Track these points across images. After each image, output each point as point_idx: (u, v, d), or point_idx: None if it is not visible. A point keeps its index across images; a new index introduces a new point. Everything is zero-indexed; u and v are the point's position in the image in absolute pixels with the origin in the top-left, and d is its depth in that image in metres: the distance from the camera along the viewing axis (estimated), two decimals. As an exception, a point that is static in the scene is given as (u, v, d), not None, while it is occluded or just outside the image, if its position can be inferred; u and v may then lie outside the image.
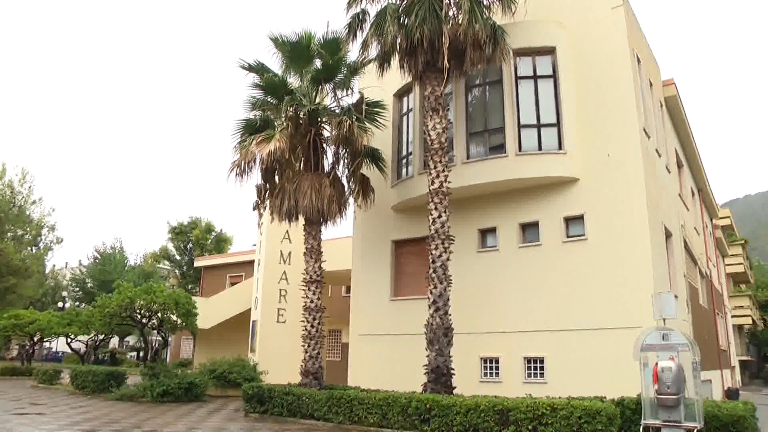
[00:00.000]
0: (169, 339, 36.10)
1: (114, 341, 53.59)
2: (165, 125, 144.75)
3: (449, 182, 13.98)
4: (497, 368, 14.96)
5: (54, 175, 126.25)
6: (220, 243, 51.55)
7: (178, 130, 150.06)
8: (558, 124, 15.11)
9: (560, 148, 14.90)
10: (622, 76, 14.72)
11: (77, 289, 55.31)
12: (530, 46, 15.59)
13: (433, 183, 13.86)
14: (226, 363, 22.68)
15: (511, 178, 15.00)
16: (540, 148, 15.02)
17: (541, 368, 14.29)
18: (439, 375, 12.75)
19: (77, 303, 53.33)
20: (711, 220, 30.28)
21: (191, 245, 50.61)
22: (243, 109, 16.89)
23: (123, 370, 22.79)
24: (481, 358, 15.20)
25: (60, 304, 46.66)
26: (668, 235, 16.25)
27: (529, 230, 15.41)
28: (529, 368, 14.49)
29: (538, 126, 15.26)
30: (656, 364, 9.55)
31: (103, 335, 34.58)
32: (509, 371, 14.66)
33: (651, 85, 17.11)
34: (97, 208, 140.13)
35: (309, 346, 15.52)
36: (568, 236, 14.65)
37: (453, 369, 12.97)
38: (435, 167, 13.91)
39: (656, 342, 9.76)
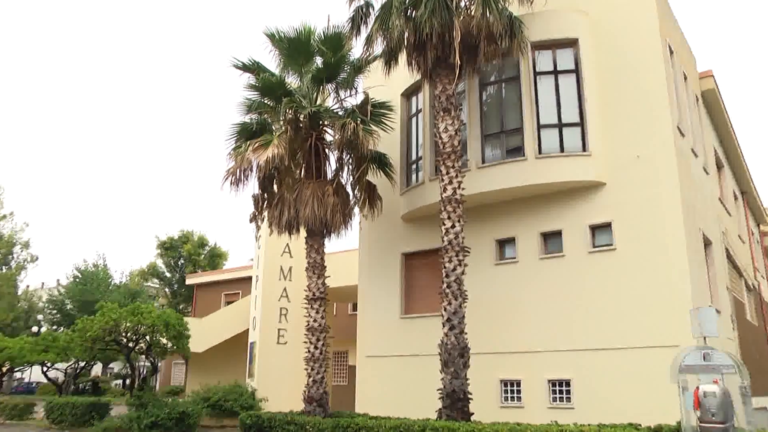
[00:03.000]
0: (159, 364, 36.33)
1: (97, 368, 53.73)
2: (152, 131, 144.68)
3: (463, 189, 14.18)
4: (518, 392, 15.09)
5: (28, 187, 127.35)
6: (214, 258, 51.92)
7: (166, 136, 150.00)
8: (581, 124, 15.30)
9: (584, 149, 15.09)
10: (653, 68, 14.84)
11: (54, 311, 54.88)
12: (550, 38, 15.80)
13: (445, 190, 14.06)
14: (222, 390, 22.91)
15: (530, 184, 15.18)
16: (562, 150, 15.20)
17: (567, 392, 14.40)
18: (455, 400, 12.89)
19: (54, 327, 53.30)
20: (758, 226, 30.17)
21: (182, 261, 51.03)
22: (237, 112, 17.22)
23: (107, 401, 22.81)
24: (501, 381, 15.34)
25: (34, 329, 46.52)
26: (707, 243, 16.31)
27: (552, 240, 15.57)
28: (553, 392, 14.60)
29: (560, 125, 15.45)
30: (697, 388, 9.42)
31: (85, 362, 34.82)
32: (532, 395, 14.79)
33: (685, 77, 17.20)
34: (78, 223, 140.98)
35: (312, 369, 15.72)
36: (594, 246, 14.79)
37: (470, 393, 13.10)
38: (447, 173, 14.12)
39: (696, 363, 9.63)
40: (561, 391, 14.53)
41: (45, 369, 33.22)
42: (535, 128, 15.43)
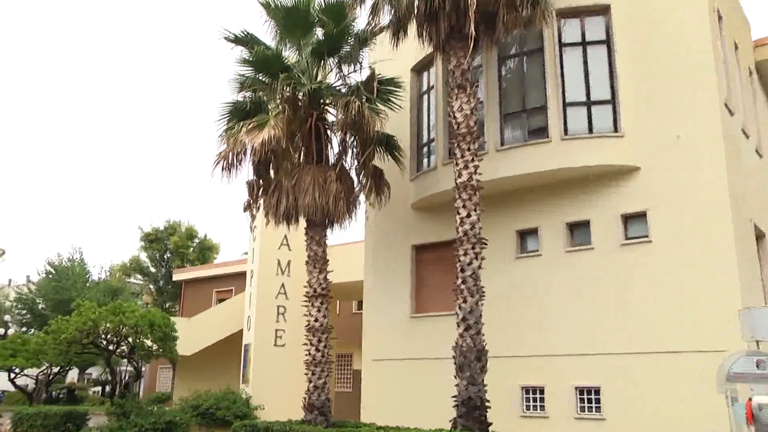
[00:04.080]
0: (143, 369, 36.79)
1: (72, 374, 54.07)
2: (134, 111, 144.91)
3: (480, 174, 14.21)
4: (542, 400, 15.22)
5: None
6: (204, 252, 52.12)
7: (149, 117, 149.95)
8: (613, 101, 15.29)
9: (616, 129, 15.08)
10: (697, 36, 14.73)
11: (24, 311, 54.89)
12: (578, 4, 15.74)
13: (460, 175, 14.12)
14: (213, 397, 23.17)
15: (555, 168, 15.22)
16: (591, 131, 15.22)
17: (597, 400, 14.48)
18: (472, 408, 12.99)
19: (24, 329, 53.61)
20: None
21: (169, 255, 51.23)
22: (229, 90, 17.22)
23: (84, 409, 22.98)
24: (522, 388, 15.48)
25: (0, 331, 46.96)
26: (760, 235, 16.24)
27: (579, 231, 15.63)
28: (581, 400, 14.70)
29: (588, 103, 15.47)
30: (750, 399, 9.35)
31: (59, 367, 35.08)
32: (557, 403, 14.91)
33: (736, 47, 17.05)
34: (50, 212, 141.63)
35: (313, 374, 15.88)
36: (627, 238, 14.82)
37: (488, 400, 13.19)
38: (462, 156, 14.16)
39: (748, 371, 9.56)
40: (590, 400, 14.62)
41: (13, 376, 33.34)
42: (560, 106, 15.45)
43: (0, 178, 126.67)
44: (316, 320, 16.18)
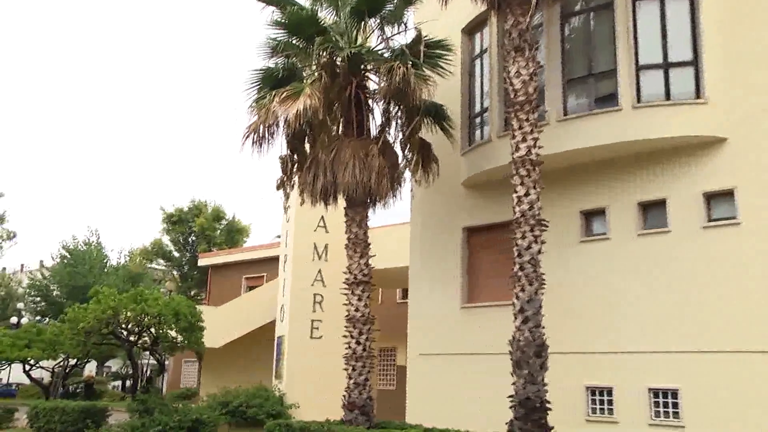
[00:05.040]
0: (167, 362, 37.67)
1: (90, 367, 55.54)
2: (155, 81, 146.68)
3: (540, 147, 14.15)
4: (610, 402, 15.16)
5: (3, 151, 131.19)
6: (233, 234, 52.83)
7: (171, 87, 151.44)
8: (695, 63, 15.03)
9: (698, 95, 14.84)
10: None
11: (38, 298, 56.76)
12: (655, -51, 15.50)
13: (517, 149, 14.07)
14: (243, 393, 23.62)
15: (626, 140, 15.06)
16: (668, 97, 15.01)
17: (674, 404, 14.37)
18: (531, 409, 13.03)
19: (38, 317, 55.00)
20: None
21: (194, 238, 52.08)
22: (260, 56, 17.25)
23: (103, 405, 23.48)
24: (588, 388, 15.46)
25: (14, 320, 48.01)
26: None
27: (653, 211, 15.45)
28: (656, 404, 14.59)
29: (666, 65, 15.24)
30: None
31: (76, 359, 36.14)
32: (628, 407, 14.83)
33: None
34: (65, 192, 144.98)
35: (354, 369, 16.10)
36: (710, 219, 14.63)
37: (549, 401, 13.22)
38: (520, 127, 14.10)
39: None
40: (666, 404, 14.51)
41: (28, 368, 34.37)
42: (632, 69, 15.24)
43: (13, 156, 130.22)
44: (356, 310, 16.37)
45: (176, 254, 53.41)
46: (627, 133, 15.04)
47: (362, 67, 17.17)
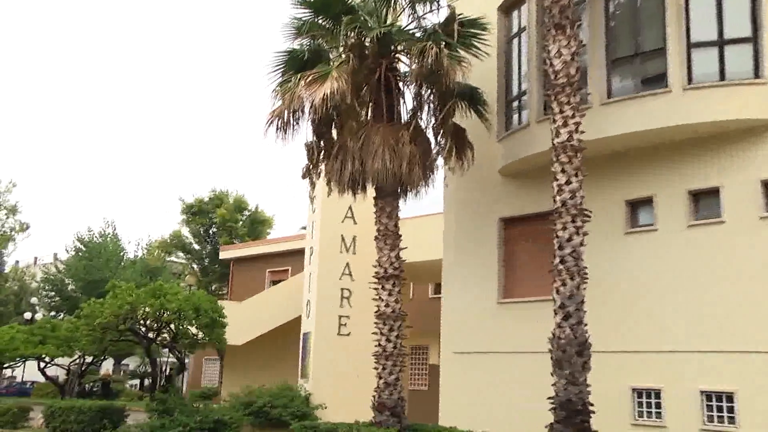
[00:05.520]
0: (187, 360, 38.06)
1: (107, 365, 56.27)
2: (173, 66, 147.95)
3: (582, 132, 14.08)
4: (658, 405, 15.08)
5: (17, 140, 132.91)
6: (256, 226, 53.17)
7: (191, 71, 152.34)
8: (754, 39, 14.83)
9: (757, 75, 14.65)
10: None
11: (52, 293, 57.81)
12: None
13: (558, 134, 14.03)
14: (268, 393, 23.79)
15: (676, 124, 14.91)
16: (723, 77, 14.84)
17: (730, 409, 14.24)
18: (572, 412, 13.01)
19: (53, 313, 55.79)
20: None
21: (215, 230, 52.47)
22: (284, 37, 17.25)
23: (121, 405, 23.90)
24: (634, 390, 15.39)
25: (27, 315, 48.70)
26: None
27: (706, 201, 15.31)
28: (709, 407, 14.47)
29: (720, 43, 15.07)
30: None
31: (93, 357, 36.67)
32: (678, 410, 14.74)
33: None
34: (80, 182, 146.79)
35: (384, 368, 16.17)
36: (769, 209, 14.51)
37: (591, 404, 13.21)
38: (561, 111, 14.04)
39: None
40: (720, 408, 14.38)
41: (42, 365, 34.89)
42: (683, 47, 15.10)
43: (26, 145, 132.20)
44: (386, 305, 16.43)
45: (196, 247, 53.87)
46: (677, 116, 14.89)
47: (392, 48, 17.19)
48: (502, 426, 14.78)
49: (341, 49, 16.93)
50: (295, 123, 16.58)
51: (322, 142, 17.57)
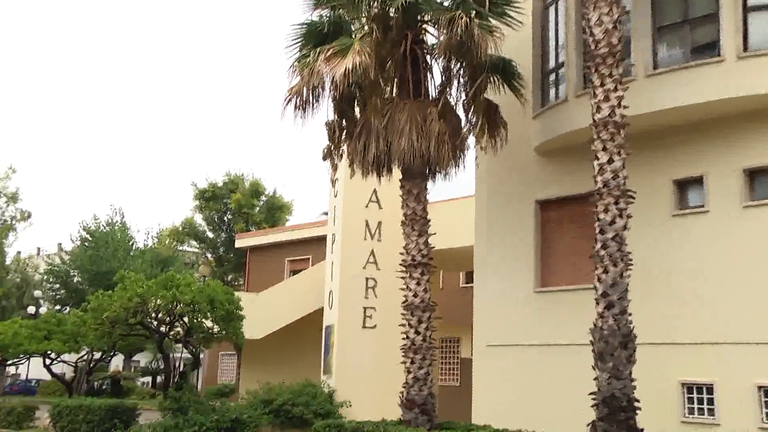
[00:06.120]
0: (202, 355, 38.41)
1: (117, 361, 56.83)
2: (184, 41, 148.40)
3: (625, 107, 14.02)
4: (710, 401, 15.05)
5: (17, 124, 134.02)
6: (274, 212, 53.22)
7: (202, 48, 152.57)
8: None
9: (820, 40, 14.55)
10: None
11: (57, 285, 58.49)
12: None
13: (599, 109, 13.97)
14: (288, 390, 23.97)
15: (730, 97, 14.78)
16: (782, 44, 14.71)
17: (790, 405, 14.28)
18: (616, 408, 13.01)
19: (58, 306, 56.15)
20: None
21: (230, 216, 52.68)
22: (302, 8, 17.39)
23: (132, 403, 24.34)
24: (683, 385, 15.36)
25: (31, 309, 49.11)
26: None
27: (763, 180, 15.22)
28: (767, 404, 14.46)
29: (780, 5, 14.93)
30: None
31: (101, 353, 37.00)
32: (732, 407, 14.67)
33: None
34: (85, 167, 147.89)
35: (413, 363, 16.25)
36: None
37: (637, 400, 13.19)
38: (602, 84, 13.98)
39: None
40: (779, 404, 14.40)
41: (48, 362, 35.30)
42: (739, 12, 14.94)
43: (27, 129, 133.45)
44: (415, 295, 16.49)
45: (210, 235, 54.09)
46: (730, 88, 14.77)
47: (419, 18, 17.18)
48: (540, 424, 14.77)
49: (363, 20, 16.98)
50: (314, 101, 16.64)
51: (344, 121, 17.61)
